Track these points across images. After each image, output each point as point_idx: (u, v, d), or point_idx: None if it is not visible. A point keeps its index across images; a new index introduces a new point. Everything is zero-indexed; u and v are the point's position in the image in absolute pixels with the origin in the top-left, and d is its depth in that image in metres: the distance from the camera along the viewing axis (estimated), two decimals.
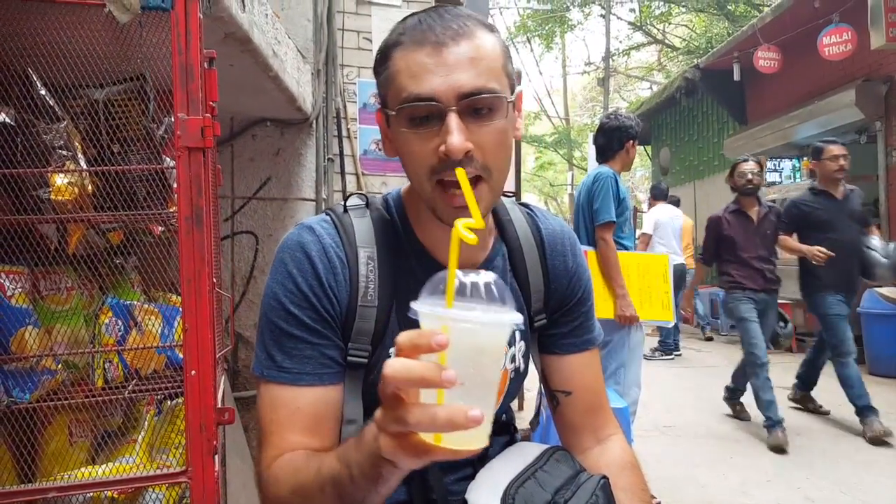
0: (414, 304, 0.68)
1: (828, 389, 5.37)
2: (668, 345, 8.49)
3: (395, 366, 0.63)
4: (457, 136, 0.91)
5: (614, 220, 3.73)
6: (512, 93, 1.00)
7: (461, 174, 0.88)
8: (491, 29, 1.00)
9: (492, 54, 0.97)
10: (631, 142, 3.94)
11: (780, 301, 8.70)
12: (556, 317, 1.23)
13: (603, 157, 4.02)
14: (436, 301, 0.68)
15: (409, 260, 1.10)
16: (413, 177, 1.01)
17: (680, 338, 8.89)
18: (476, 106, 0.94)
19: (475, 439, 0.65)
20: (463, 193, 0.87)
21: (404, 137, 0.97)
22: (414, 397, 0.65)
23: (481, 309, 0.67)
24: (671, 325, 4.37)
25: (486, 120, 0.95)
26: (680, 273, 7.70)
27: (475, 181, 0.95)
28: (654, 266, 3.96)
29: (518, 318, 0.67)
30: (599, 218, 3.75)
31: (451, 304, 0.67)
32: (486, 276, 0.71)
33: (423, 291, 0.70)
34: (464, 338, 0.64)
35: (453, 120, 0.92)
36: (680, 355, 8.52)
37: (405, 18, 1.02)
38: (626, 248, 3.92)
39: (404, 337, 0.64)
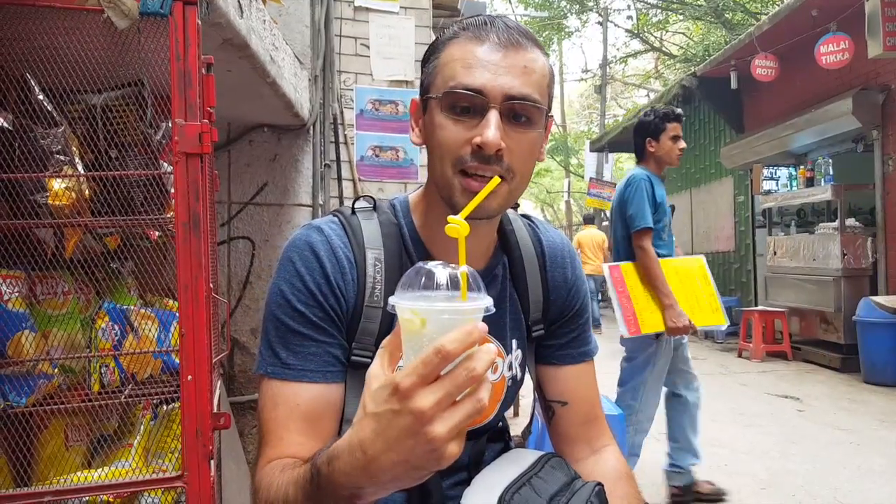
0: (440, 304, 0.69)
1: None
2: None
3: (482, 359, 0.64)
4: (494, 131, 0.95)
5: (651, 225, 3.44)
6: (548, 113, 1.05)
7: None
8: (545, 52, 1.05)
9: (542, 71, 1.02)
10: (649, 139, 3.65)
11: (773, 308, 8.72)
12: (553, 328, 1.25)
13: (638, 157, 3.80)
14: (424, 296, 0.71)
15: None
16: (437, 161, 1.02)
17: None
18: (517, 111, 0.98)
19: None
20: (483, 185, 0.94)
21: (440, 122, 1.00)
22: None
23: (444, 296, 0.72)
24: (724, 328, 3.90)
25: (522, 127, 1.00)
26: None
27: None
28: (691, 269, 3.67)
29: (489, 300, 0.72)
30: (634, 224, 3.46)
31: (465, 297, 0.71)
32: (461, 268, 0.74)
33: (401, 286, 0.72)
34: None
35: (494, 116, 0.96)
36: None
37: (469, 17, 1.06)
38: (663, 256, 3.59)
39: (455, 342, 0.63)
